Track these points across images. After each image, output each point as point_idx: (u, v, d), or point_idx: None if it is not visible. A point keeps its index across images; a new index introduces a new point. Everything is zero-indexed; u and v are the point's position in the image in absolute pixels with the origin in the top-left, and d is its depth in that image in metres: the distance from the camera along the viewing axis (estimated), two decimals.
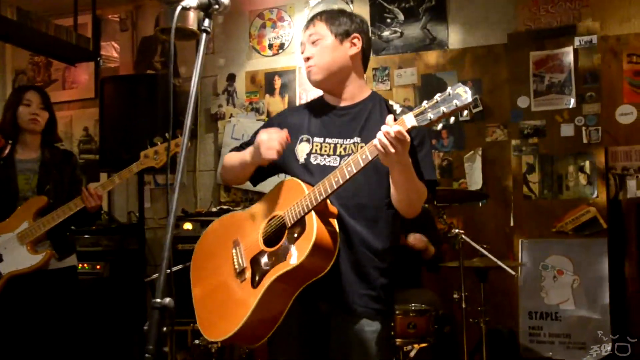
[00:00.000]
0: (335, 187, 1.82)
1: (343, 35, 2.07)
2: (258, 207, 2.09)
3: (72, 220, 3.04)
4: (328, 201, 1.90)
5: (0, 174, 3.09)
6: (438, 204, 3.56)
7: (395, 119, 1.72)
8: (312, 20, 2.14)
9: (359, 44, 2.09)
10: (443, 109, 1.63)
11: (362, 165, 1.78)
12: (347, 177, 1.80)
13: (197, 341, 3.65)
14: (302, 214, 1.87)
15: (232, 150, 2.26)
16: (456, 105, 1.62)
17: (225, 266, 2.08)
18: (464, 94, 1.62)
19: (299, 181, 1.97)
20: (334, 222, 1.92)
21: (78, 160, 3.27)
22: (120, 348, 4.34)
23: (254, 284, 1.93)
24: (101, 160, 4.51)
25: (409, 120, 1.69)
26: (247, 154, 2.07)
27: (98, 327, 4.17)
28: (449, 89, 1.64)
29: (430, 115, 1.65)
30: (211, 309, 2.07)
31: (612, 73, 4.10)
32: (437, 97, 1.65)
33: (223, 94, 5.08)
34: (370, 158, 1.76)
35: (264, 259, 1.94)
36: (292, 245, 1.87)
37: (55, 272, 3.08)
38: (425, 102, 1.68)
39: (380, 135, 1.71)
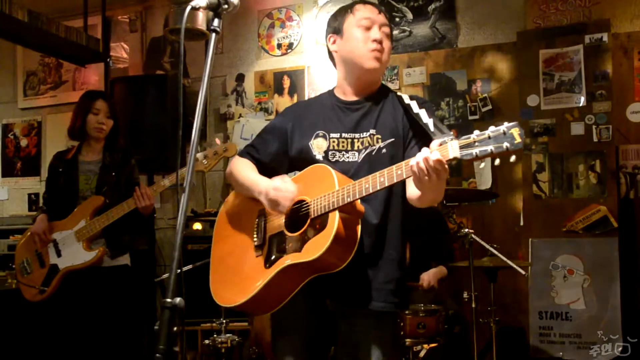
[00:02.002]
0: (364, 193, 1.80)
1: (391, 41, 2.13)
2: None
3: (129, 223, 3.20)
4: (358, 200, 1.88)
5: (64, 175, 3.31)
6: (447, 203, 3.56)
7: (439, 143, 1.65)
8: (380, 8, 2.12)
9: None
10: (491, 148, 1.52)
11: (395, 180, 1.76)
12: (378, 187, 1.78)
13: (207, 341, 3.66)
14: (327, 210, 1.85)
15: (242, 151, 2.22)
16: (506, 148, 1.51)
17: (245, 233, 2.11)
18: (518, 138, 1.50)
19: (332, 172, 1.91)
20: (358, 223, 1.89)
21: (136, 164, 3.42)
22: (130, 347, 4.35)
23: (267, 264, 1.96)
24: None
25: (453, 150, 1.60)
26: (255, 189, 2.01)
27: (108, 326, 4.18)
28: (504, 126, 1.53)
29: (477, 151, 1.55)
30: (223, 274, 2.11)
31: (623, 71, 4.07)
32: (490, 131, 1.54)
33: (232, 94, 5.09)
34: (404, 177, 1.73)
35: (281, 243, 1.95)
36: (311, 238, 1.87)
37: (108, 269, 3.24)
38: (475, 132, 1.57)
39: (419, 159, 1.65)
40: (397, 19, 4.62)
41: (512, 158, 1.53)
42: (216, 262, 2.16)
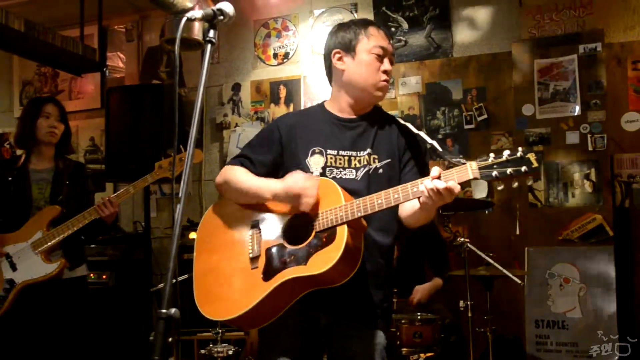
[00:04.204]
0: (376, 209, 1.80)
1: None
2: None
3: (83, 230, 3.05)
4: None
5: (14, 184, 3.13)
6: (443, 212, 3.56)
7: (444, 164, 1.71)
8: (389, 35, 2.12)
9: None
10: (510, 170, 1.62)
11: (411, 197, 1.77)
12: (392, 203, 1.78)
13: (203, 351, 3.65)
14: (335, 223, 1.83)
15: (234, 160, 2.15)
16: (525, 171, 1.60)
17: (237, 245, 2.03)
18: (534, 162, 1.60)
19: (337, 186, 1.89)
20: (362, 238, 1.88)
21: (89, 172, 3.32)
22: (126, 357, 4.34)
23: (266, 277, 1.89)
24: (107, 170, 4.52)
25: (473, 172, 1.67)
26: (267, 191, 1.95)
27: (104, 337, 4.17)
28: (520, 151, 1.62)
29: (496, 172, 1.64)
30: (214, 286, 2.02)
31: (617, 80, 4.10)
32: (506, 154, 1.63)
33: (228, 103, 5.10)
34: (418, 195, 1.75)
35: (282, 255, 1.90)
36: (316, 251, 1.83)
37: (67, 281, 3.10)
38: (492, 155, 1.66)
39: (429, 185, 1.70)
40: (393, 29, 4.64)
41: (530, 182, 1.63)
42: (201, 275, 2.07)
